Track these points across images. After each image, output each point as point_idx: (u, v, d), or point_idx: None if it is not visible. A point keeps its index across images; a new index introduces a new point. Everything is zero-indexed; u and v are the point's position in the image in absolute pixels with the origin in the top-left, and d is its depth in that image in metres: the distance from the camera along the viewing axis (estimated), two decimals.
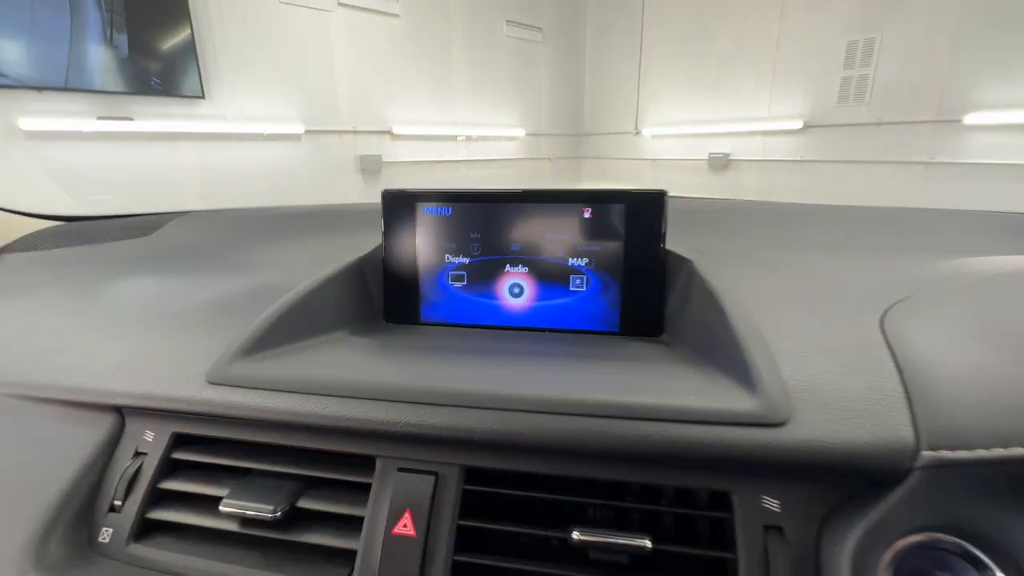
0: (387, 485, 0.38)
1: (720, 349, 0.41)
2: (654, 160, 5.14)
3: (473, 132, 4.68)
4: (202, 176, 3.23)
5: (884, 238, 0.63)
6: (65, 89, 2.62)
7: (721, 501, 0.35)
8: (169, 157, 3.08)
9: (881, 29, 3.48)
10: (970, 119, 3.18)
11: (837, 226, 0.68)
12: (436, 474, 0.38)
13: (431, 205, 0.55)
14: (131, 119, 2.89)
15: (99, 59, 2.70)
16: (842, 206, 0.73)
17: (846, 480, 0.33)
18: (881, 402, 0.33)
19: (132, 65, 2.81)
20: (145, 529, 0.41)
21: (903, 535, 0.30)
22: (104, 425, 0.44)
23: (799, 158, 4.07)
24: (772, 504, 0.33)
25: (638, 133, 5.18)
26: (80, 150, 2.77)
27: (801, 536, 0.33)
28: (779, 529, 0.33)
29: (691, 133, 4.76)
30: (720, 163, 4.55)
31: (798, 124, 3.99)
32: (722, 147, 4.55)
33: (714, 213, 0.76)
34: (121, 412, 0.45)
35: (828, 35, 3.74)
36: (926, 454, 0.30)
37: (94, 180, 2.83)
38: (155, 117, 2.96)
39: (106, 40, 2.71)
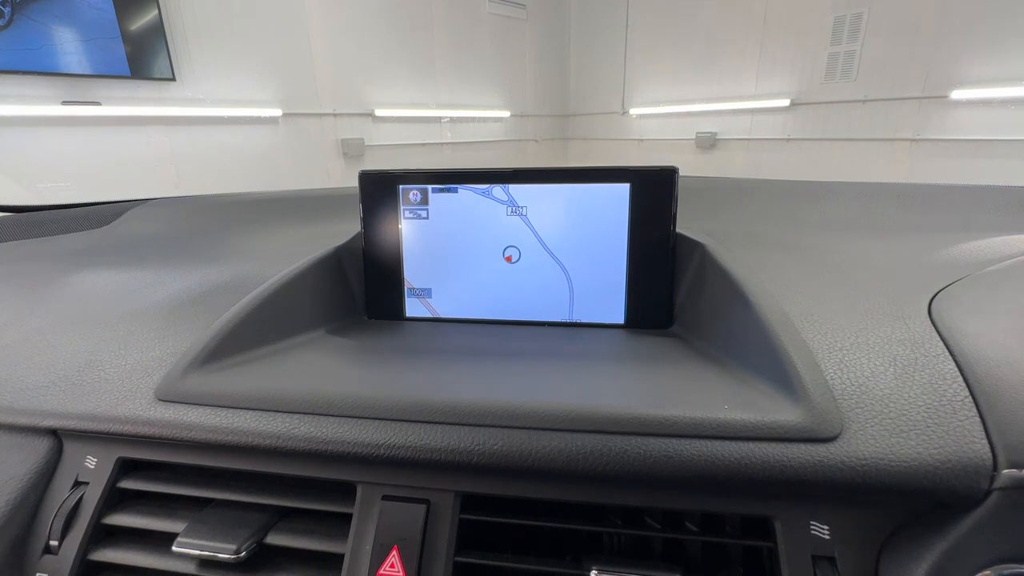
0: (370, 516, 0.33)
1: (747, 345, 0.36)
2: (641, 140, 5.08)
3: (457, 114, 4.57)
4: (176, 163, 3.11)
5: (908, 216, 0.59)
6: (26, 72, 2.49)
7: (758, 527, 0.31)
8: (140, 143, 2.96)
9: (868, 3, 3.43)
10: (957, 95, 3.16)
11: (852, 204, 0.63)
12: (427, 502, 0.33)
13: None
14: (99, 103, 2.76)
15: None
16: (853, 183, 0.68)
17: (908, 502, 0.28)
18: (944, 409, 0.28)
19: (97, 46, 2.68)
20: (87, 573, 0.35)
21: (981, 568, 0.26)
22: (38, 450, 0.38)
23: (786, 136, 4.04)
24: (821, 531, 0.29)
25: (625, 113, 5.12)
26: (39, 136, 2.63)
27: (856, 567, 0.28)
28: (830, 559, 0.29)
29: (678, 112, 4.72)
30: (707, 142, 4.52)
31: (785, 102, 3.96)
32: (709, 126, 4.51)
33: (715, 192, 0.70)
34: (58, 435, 0.39)
35: (815, 10, 3.70)
36: (1007, 473, 0.26)
37: (50, 168, 2.69)
38: (123, 101, 2.83)
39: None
